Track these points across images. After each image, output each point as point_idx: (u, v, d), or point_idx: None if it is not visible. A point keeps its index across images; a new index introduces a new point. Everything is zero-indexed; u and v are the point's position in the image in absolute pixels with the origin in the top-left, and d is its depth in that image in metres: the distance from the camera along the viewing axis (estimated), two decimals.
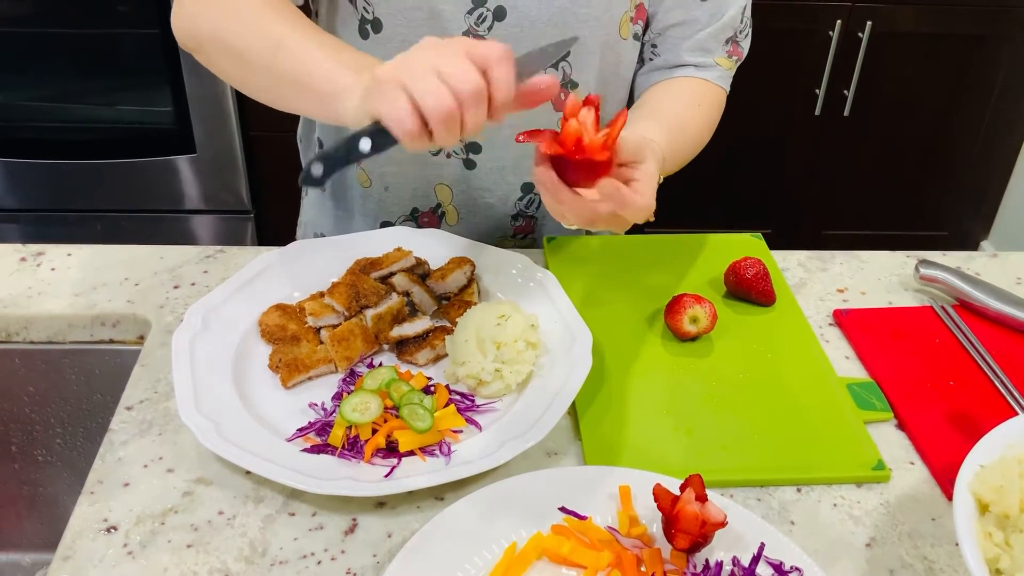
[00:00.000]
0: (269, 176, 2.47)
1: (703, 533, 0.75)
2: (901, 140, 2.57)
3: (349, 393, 0.90)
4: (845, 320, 1.07)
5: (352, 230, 1.21)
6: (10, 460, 1.11)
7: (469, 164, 1.13)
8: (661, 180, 0.90)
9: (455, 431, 0.88)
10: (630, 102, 1.19)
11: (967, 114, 2.54)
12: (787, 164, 2.59)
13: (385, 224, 1.19)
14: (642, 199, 0.81)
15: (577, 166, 0.79)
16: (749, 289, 1.06)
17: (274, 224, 2.54)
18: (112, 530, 0.80)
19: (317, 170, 0.78)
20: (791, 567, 0.76)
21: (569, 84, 1.09)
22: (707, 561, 0.77)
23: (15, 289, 1.07)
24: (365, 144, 0.77)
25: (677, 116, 1.07)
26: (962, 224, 2.77)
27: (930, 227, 2.75)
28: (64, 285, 1.08)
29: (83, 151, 2.38)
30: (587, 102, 0.79)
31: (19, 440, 1.10)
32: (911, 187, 2.66)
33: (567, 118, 0.79)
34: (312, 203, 1.29)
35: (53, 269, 1.11)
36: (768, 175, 2.60)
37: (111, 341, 1.06)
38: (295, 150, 1.32)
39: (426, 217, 1.19)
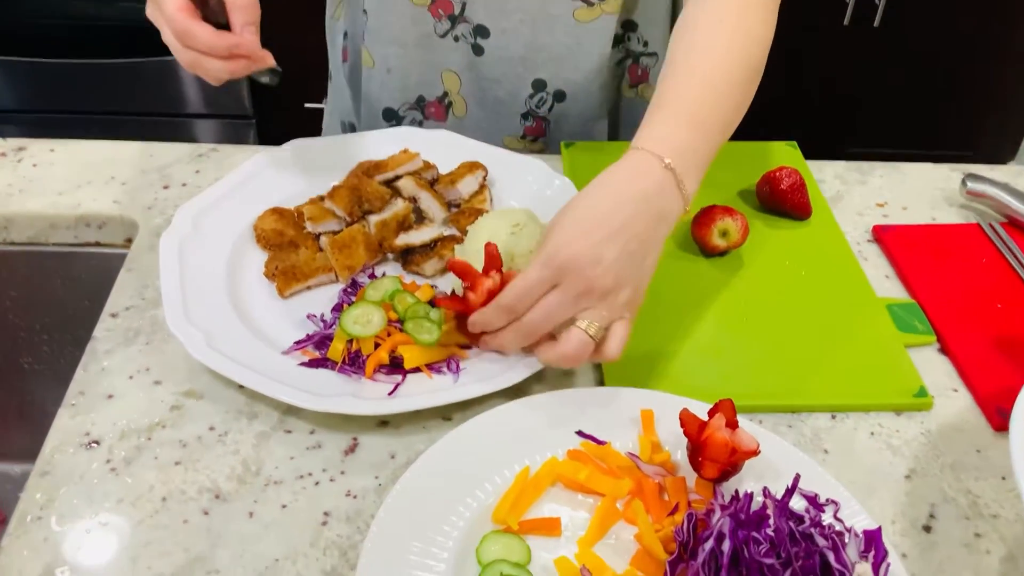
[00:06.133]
0: None
1: (732, 462, 0.70)
2: (934, 54, 2.46)
3: (350, 304, 0.85)
4: (885, 236, 1.00)
5: (361, 116, 1.15)
6: None
7: (477, 49, 1.05)
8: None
9: (464, 347, 0.83)
10: (673, 16, 1.09)
11: (1006, 27, 2.43)
12: (811, 76, 2.49)
13: (388, 112, 1.12)
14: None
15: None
16: (784, 201, 0.99)
17: (276, 130, 2.47)
18: (94, 444, 0.75)
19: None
20: (827, 499, 0.71)
21: None
22: (736, 492, 0.71)
23: None
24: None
25: (704, 98, 0.89)
26: (990, 144, 2.67)
27: (955, 147, 2.66)
28: (46, 183, 1.02)
29: (82, 49, 2.30)
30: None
31: (3, 346, 1.06)
32: (940, 104, 2.56)
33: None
34: (336, 89, 1.24)
35: (35, 165, 1.04)
36: (790, 88, 2.50)
37: (97, 244, 1.00)
38: (298, 53, 1.25)
39: (432, 107, 1.11)
